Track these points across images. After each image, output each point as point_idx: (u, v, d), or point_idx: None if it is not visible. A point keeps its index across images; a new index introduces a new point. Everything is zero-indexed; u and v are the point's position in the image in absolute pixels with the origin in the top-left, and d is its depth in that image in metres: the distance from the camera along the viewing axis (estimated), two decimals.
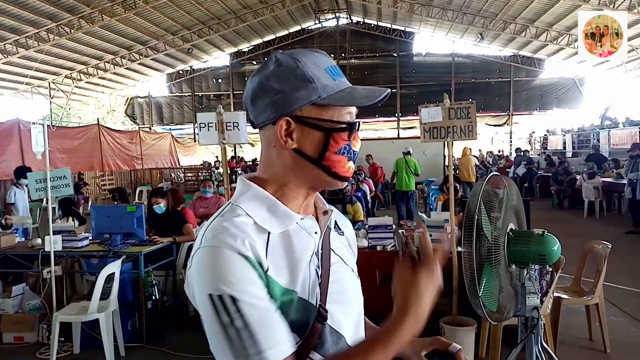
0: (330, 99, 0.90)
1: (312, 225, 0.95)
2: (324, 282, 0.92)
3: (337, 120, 0.91)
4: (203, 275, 0.82)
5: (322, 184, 0.95)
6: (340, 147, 0.91)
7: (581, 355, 3.85)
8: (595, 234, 7.91)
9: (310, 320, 0.87)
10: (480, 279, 2.33)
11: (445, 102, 3.84)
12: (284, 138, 0.90)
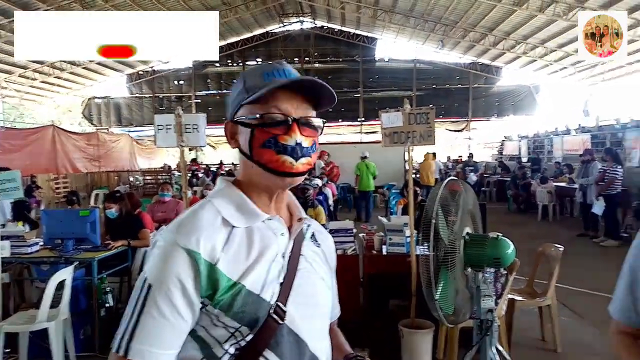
0: (253, 96, 0.96)
1: (278, 226, 1.00)
2: (286, 282, 0.96)
3: (262, 114, 0.96)
4: (149, 258, 0.92)
5: (268, 181, 0.99)
6: (264, 140, 0.96)
7: (534, 356, 3.96)
8: (549, 236, 8.18)
9: (260, 315, 0.91)
10: (437, 282, 2.36)
11: (406, 108, 3.89)
12: (229, 140, 1.03)
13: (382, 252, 4.19)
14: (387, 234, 4.16)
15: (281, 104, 0.96)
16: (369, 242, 4.36)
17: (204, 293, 0.88)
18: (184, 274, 0.87)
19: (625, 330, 1.22)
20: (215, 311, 0.89)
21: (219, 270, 0.89)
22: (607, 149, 9.93)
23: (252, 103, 0.97)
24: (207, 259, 0.88)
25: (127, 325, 0.87)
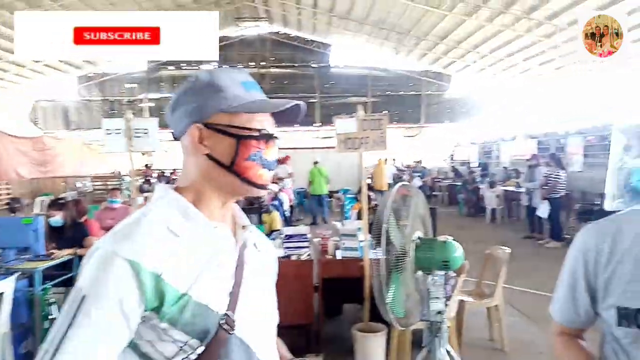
0: (239, 107, 0.95)
1: (226, 235, 0.99)
2: (234, 292, 0.95)
3: (247, 127, 0.96)
4: (84, 268, 0.86)
5: (237, 191, 0.99)
6: (250, 154, 0.96)
7: (483, 355, 4.08)
8: (497, 239, 8.48)
9: (210, 326, 0.89)
10: (388, 286, 2.39)
11: (359, 114, 3.94)
12: (197, 144, 0.96)
13: (337, 257, 4.22)
14: (341, 239, 4.19)
15: (263, 119, 0.98)
16: (323, 247, 4.38)
17: (150, 306, 0.85)
18: (123, 286, 0.83)
19: (565, 331, 1.27)
20: (162, 325, 0.86)
21: (165, 282, 0.86)
22: (551, 154, 10.40)
23: (234, 112, 0.95)
24: (151, 270, 0.85)
25: (53, 339, 0.82)
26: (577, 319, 1.23)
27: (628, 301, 1.08)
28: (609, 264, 1.13)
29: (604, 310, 1.15)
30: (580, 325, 1.25)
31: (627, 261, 1.10)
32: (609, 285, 1.13)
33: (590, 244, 1.18)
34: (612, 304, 1.11)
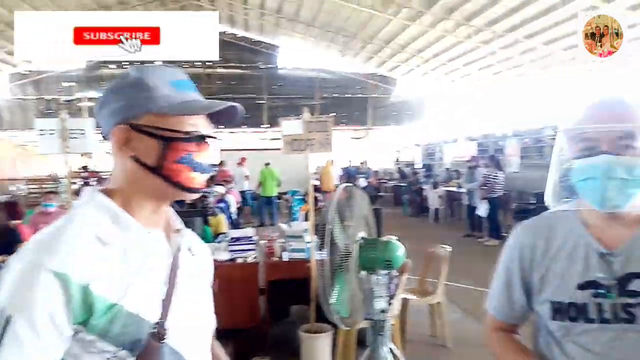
0: (168, 108, 0.91)
1: (159, 240, 0.96)
2: (167, 299, 0.91)
3: (176, 129, 0.92)
4: (5, 284, 0.79)
5: (166, 194, 0.95)
6: (179, 157, 0.92)
7: (426, 351, 4.20)
8: (439, 238, 8.70)
9: (141, 336, 0.85)
10: (332, 287, 2.41)
11: (305, 116, 3.96)
12: (121, 146, 0.92)
13: (283, 259, 4.21)
14: (288, 241, 4.19)
15: (196, 120, 0.94)
16: (270, 249, 4.36)
17: (78, 320, 0.80)
18: (52, 301, 0.77)
19: (500, 326, 1.31)
20: (90, 337, 0.81)
21: (94, 293, 0.81)
22: (490, 156, 10.87)
23: (162, 113, 0.91)
24: (79, 281, 0.79)
25: None
26: (512, 313, 1.27)
27: (561, 296, 1.13)
28: (544, 260, 1.18)
29: (538, 305, 1.19)
30: (515, 320, 1.29)
31: (561, 257, 1.15)
32: (543, 281, 1.17)
33: (526, 241, 1.22)
34: (547, 299, 1.16)
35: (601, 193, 1.05)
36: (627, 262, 1.08)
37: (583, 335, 1.10)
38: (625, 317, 1.07)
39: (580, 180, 1.09)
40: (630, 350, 1.06)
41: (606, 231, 1.12)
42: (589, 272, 1.11)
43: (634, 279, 1.07)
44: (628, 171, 1.03)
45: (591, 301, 1.10)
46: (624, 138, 1.05)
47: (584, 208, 1.14)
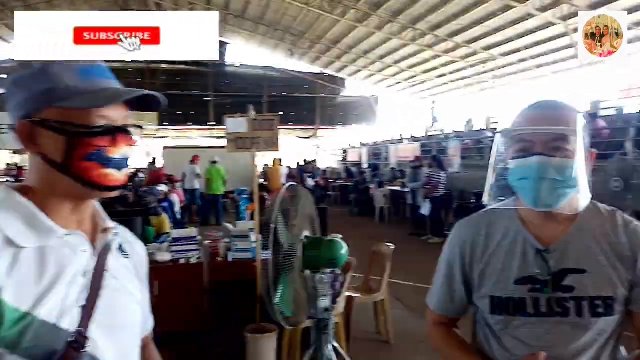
0: (69, 101, 0.84)
1: (79, 242, 0.88)
2: (89, 305, 0.84)
3: (82, 123, 0.84)
4: None
5: (80, 193, 0.87)
6: (87, 153, 0.84)
7: (369, 348, 4.26)
8: (385, 236, 8.87)
9: (57, 347, 0.79)
10: (276, 286, 2.40)
11: (250, 114, 3.91)
12: (27, 143, 0.85)
13: (228, 259, 4.15)
14: (233, 240, 4.13)
15: (107, 111, 0.86)
16: (214, 249, 4.28)
17: None
18: None
19: (441, 320, 1.34)
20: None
21: (3, 302, 0.75)
22: (433, 156, 11.17)
23: (66, 106, 0.83)
24: None
25: None
26: (452, 308, 1.30)
27: (500, 291, 1.17)
28: (484, 255, 1.22)
29: (478, 299, 1.23)
30: (455, 315, 1.33)
31: (500, 253, 1.20)
32: (483, 276, 1.21)
33: (467, 237, 1.26)
34: (486, 294, 1.20)
35: (534, 192, 1.10)
36: (562, 259, 1.14)
37: (520, 328, 1.15)
38: (559, 311, 1.12)
39: (516, 180, 1.14)
40: (563, 342, 1.11)
41: (543, 228, 1.17)
42: (527, 267, 1.16)
43: (568, 275, 1.12)
44: (559, 172, 1.08)
45: (528, 296, 1.15)
46: (556, 140, 1.09)
47: (521, 207, 1.19)
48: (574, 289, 1.12)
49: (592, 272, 1.12)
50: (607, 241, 1.14)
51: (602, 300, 1.10)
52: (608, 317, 1.11)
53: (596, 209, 1.20)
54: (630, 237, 1.14)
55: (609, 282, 1.11)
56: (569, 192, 1.10)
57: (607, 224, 1.16)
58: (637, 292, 1.12)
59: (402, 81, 23.88)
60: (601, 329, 1.11)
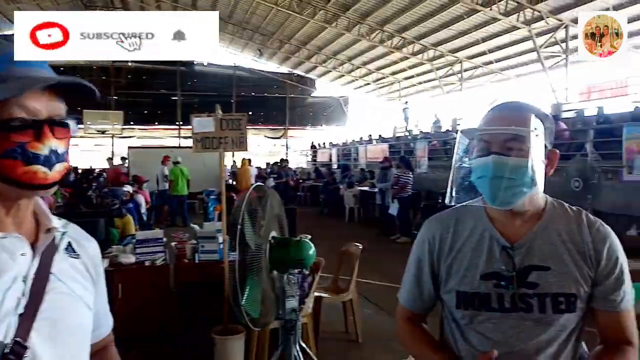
0: None
1: (16, 245, 0.81)
2: (28, 311, 0.78)
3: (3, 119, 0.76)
4: None
5: (10, 193, 0.80)
6: (6, 150, 0.76)
7: (338, 347, 4.27)
8: (354, 236, 8.91)
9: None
10: (243, 287, 2.38)
11: (218, 113, 3.86)
12: None
13: (195, 261, 4.09)
14: (200, 242, 4.07)
15: (28, 102, 0.78)
16: (180, 250, 4.21)
17: None
18: None
19: (409, 316, 1.36)
20: None
21: None
22: (401, 157, 11.30)
23: None
24: None
25: None
26: (421, 303, 1.32)
27: (465, 286, 1.19)
28: (451, 251, 1.24)
29: (445, 294, 1.25)
30: (424, 310, 1.35)
31: (467, 249, 1.22)
32: (450, 271, 1.23)
33: (435, 233, 1.28)
34: (452, 288, 1.22)
35: (490, 191, 1.13)
36: (527, 256, 1.16)
37: (484, 323, 1.17)
38: (522, 307, 1.15)
39: (476, 179, 1.16)
40: (526, 337, 1.14)
41: (509, 226, 1.20)
42: (492, 263, 1.18)
43: (532, 272, 1.15)
44: (512, 171, 1.10)
45: (493, 291, 1.17)
46: (511, 140, 1.12)
47: (484, 205, 1.22)
48: (537, 286, 1.14)
49: (556, 270, 1.14)
50: (572, 240, 1.17)
51: (564, 297, 1.13)
52: (570, 313, 1.14)
53: (562, 208, 1.23)
54: (594, 237, 1.17)
55: (572, 279, 1.14)
56: (524, 191, 1.13)
57: (573, 224, 1.19)
58: (599, 290, 1.16)
59: (371, 82, 24.09)
60: (563, 325, 1.14)
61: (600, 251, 1.15)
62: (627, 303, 1.17)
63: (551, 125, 1.21)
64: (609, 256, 1.15)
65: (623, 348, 1.16)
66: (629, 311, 1.18)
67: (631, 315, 1.19)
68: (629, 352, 1.16)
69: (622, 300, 1.16)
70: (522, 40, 15.71)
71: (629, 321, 1.18)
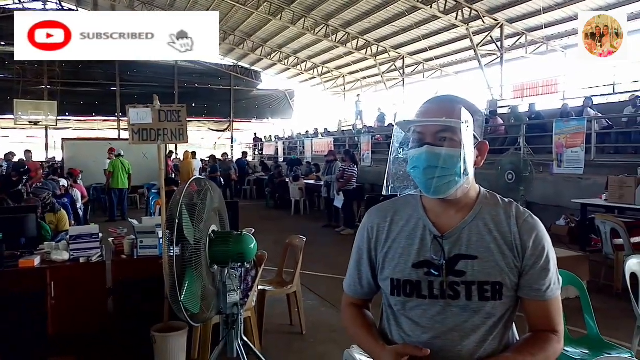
0: None
1: None
2: None
3: None
4: None
5: None
6: None
7: (283, 340, 4.28)
8: (300, 229, 8.95)
9: None
10: (182, 283, 2.33)
11: (156, 104, 3.75)
12: None
13: (134, 257, 3.96)
14: (138, 237, 3.94)
15: None
16: (118, 246, 4.06)
17: None
18: None
19: (353, 302, 1.41)
20: None
21: None
22: (345, 150, 11.43)
23: None
24: None
25: None
26: (361, 290, 1.37)
27: (399, 273, 1.23)
28: (387, 240, 1.28)
29: (382, 282, 1.29)
30: (365, 296, 1.39)
31: (402, 238, 1.26)
32: (386, 259, 1.27)
33: (374, 223, 1.32)
34: (388, 276, 1.26)
35: (424, 180, 1.17)
36: (456, 245, 1.21)
37: (415, 310, 1.22)
38: (450, 294, 1.19)
39: (411, 169, 1.20)
40: (452, 324, 1.19)
41: (442, 216, 1.24)
42: (424, 252, 1.22)
43: (460, 260, 1.20)
44: (445, 161, 1.14)
45: (424, 279, 1.21)
46: (442, 131, 1.16)
47: (420, 194, 1.26)
48: (464, 274, 1.19)
49: (483, 259, 1.19)
50: (499, 230, 1.21)
51: (490, 285, 1.18)
52: (496, 301, 1.19)
53: (494, 199, 1.28)
54: (520, 228, 1.21)
55: (498, 269, 1.19)
56: (456, 180, 1.16)
57: (502, 214, 1.23)
58: (525, 280, 1.21)
59: (317, 76, 24.14)
60: (489, 313, 1.19)
61: (527, 241, 1.20)
62: (553, 292, 1.22)
63: (481, 118, 1.26)
64: (535, 246, 1.20)
65: (547, 336, 1.22)
66: (555, 300, 1.23)
67: (557, 304, 1.24)
68: (552, 340, 1.21)
69: (547, 289, 1.21)
70: (460, 39, 16.27)
71: (555, 310, 1.24)
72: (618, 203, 6.21)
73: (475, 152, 1.22)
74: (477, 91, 16.49)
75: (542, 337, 1.22)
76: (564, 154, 8.73)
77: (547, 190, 8.78)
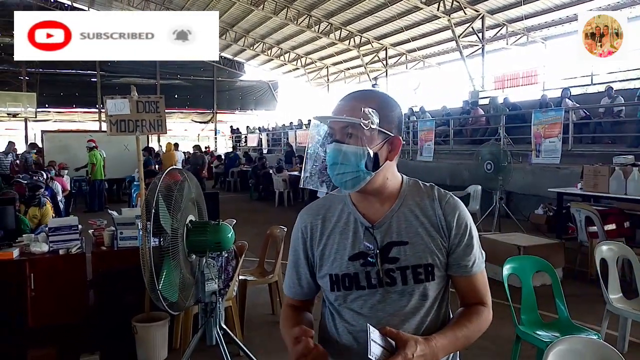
0: None
1: None
2: None
3: None
4: None
5: None
6: None
7: (264, 329, 4.33)
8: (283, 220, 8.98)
9: None
10: (160, 273, 2.36)
11: (133, 95, 3.74)
12: None
13: (114, 248, 3.96)
14: (118, 228, 3.94)
15: None
16: (98, 238, 4.06)
17: None
18: None
19: (292, 304, 1.40)
20: None
21: None
22: None
23: None
24: None
25: None
26: (301, 291, 1.37)
27: (337, 268, 1.26)
28: (322, 237, 1.30)
29: (320, 279, 1.31)
30: (304, 297, 1.39)
31: (335, 234, 1.28)
32: (322, 257, 1.29)
33: (306, 222, 1.34)
34: (326, 273, 1.28)
35: (333, 176, 1.20)
36: (386, 233, 1.25)
37: (356, 301, 1.25)
38: (388, 281, 1.23)
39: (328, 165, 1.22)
40: (392, 309, 1.23)
41: (369, 207, 1.27)
42: (358, 244, 1.25)
43: (392, 247, 1.24)
44: (343, 157, 1.17)
45: (361, 270, 1.24)
46: (346, 128, 1.18)
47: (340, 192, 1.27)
48: (398, 260, 1.23)
49: (413, 243, 1.23)
50: (425, 214, 1.26)
51: (423, 267, 1.23)
52: (430, 282, 1.24)
53: (417, 185, 1.33)
54: (444, 209, 1.26)
55: (428, 251, 1.24)
56: (361, 176, 1.18)
57: (425, 199, 1.28)
58: (452, 258, 1.26)
59: (300, 67, 24.07)
60: (424, 294, 1.24)
61: (451, 221, 1.25)
62: (478, 267, 1.28)
63: (394, 114, 1.25)
64: (458, 225, 1.25)
65: (478, 308, 1.29)
66: (481, 274, 1.30)
67: (483, 277, 1.31)
68: (483, 311, 1.29)
69: (473, 264, 1.27)
70: (442, 30, 16.35)
71: (482, 283, 1.31)
72: (593, 192, 6.35)
73: (388, 146, 1.23)
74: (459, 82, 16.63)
75: (472, 310, 1.28)
76: (542, 144, 8.88)
77: (526, 180, 8.93)
